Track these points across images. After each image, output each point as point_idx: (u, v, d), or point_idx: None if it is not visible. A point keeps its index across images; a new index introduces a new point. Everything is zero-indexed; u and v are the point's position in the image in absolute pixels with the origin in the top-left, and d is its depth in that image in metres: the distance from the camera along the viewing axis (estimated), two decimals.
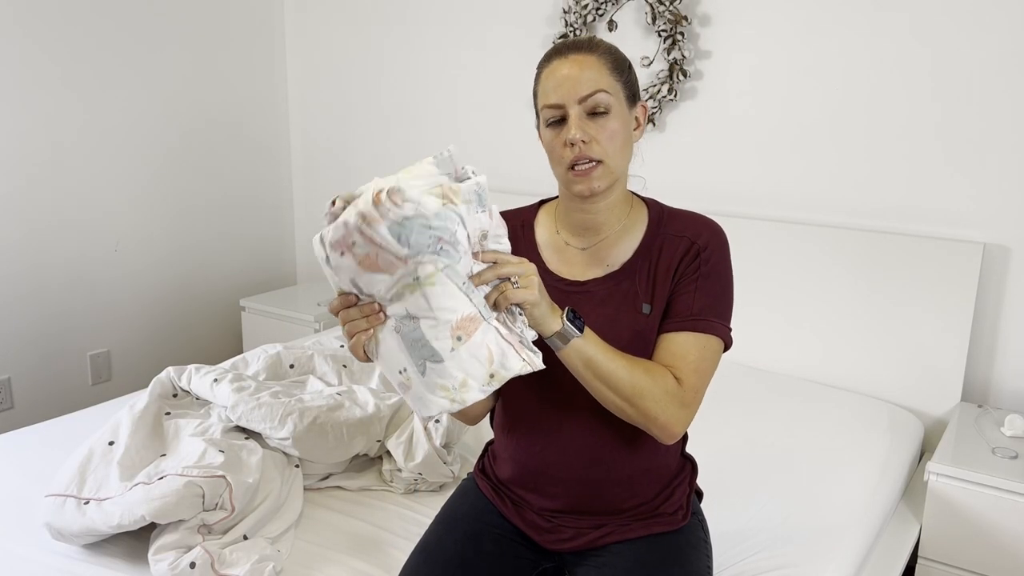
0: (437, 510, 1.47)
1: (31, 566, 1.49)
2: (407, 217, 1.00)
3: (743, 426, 2.13)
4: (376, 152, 3.38)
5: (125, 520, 1.45)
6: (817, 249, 2.43)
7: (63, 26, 2.74)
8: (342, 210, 1.04)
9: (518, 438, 1.35)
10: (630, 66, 1.28)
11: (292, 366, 2.15)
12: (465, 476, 1.54)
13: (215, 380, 1.90)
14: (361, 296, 1.08)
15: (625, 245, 1.30)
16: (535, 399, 1.30)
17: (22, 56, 2.65)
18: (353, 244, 1.02)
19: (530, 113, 3.24)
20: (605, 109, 1.21)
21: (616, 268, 1.29)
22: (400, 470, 1.77)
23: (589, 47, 1.24)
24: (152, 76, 3.03)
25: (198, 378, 1.94)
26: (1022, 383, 2.27)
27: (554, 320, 1.13)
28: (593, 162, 1.22)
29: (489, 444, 1.49)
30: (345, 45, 3.36)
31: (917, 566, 1.97)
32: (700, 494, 1.48)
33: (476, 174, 1.08)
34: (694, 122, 2.65)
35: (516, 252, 1.33)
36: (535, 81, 1.28)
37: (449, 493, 1.64)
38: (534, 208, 1.40)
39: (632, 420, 1.20)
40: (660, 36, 2.60)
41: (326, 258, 1.06)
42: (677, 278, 1.26)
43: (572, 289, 1.30)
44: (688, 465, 1.41)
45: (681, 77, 2.59)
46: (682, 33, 2.56)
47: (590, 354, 1.15)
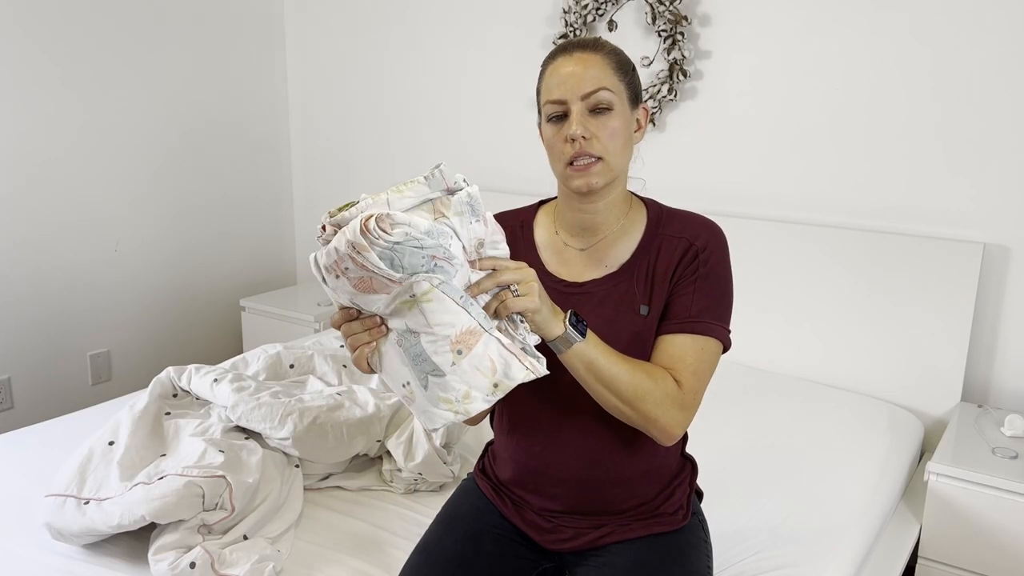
0: (437, 510, 1.47)
1: (31, 566, 1.49)
2: (397, 243, 0.99)
3: (743, 426, 2.13)
4: (376, 152, 3.38)
5: (125, 520, 1.46)
6: (817, 249, 2.43)
7: (63, 26, 2.74)
8: (332, 235, 1.04)
9: (518, 439, 1.35)
10: (634, 68, 1.28)
11: (292, 366, 2.15)
12: (465, 476, 1.54)
13: (215, 380, 1.90)
14: (362, 312, 1.08)
15: (624, 246, 1.30)
16: (535, 400, 1.30)
17: (22, 56, 2.65)
18: (346, 269, 1.02)
19: (530, 113, 3.23)
20: (608, 107, 1.22)
21: (615, 269, 1.29)
22: (400, 470, 1.77)
23: (594, 46, 1.24)
24: (152, 76, 3.03)
25: (198, 378, 1.94)
26: (1022, 383, 2.27)
27: (556, 324, 1.13)
28: (593, 159, 1.22)
29: (489, 444, 1.49)
30: (345, 45, 3.36)
31: (917, 566, 1.97)
32: (700, 494, 1.47)
33: (468, 183, 1.08)
34: (694, 122, 2.65)
35: (515, 253, 1.33)
36: (539, 78, 1.28)
37: (449, 493, 1.64)
38: (533, 208, 1.40)
39: (632, 422, 1.20)
40: (660, 36, 2.60)
41: (323, 279, 1.06)
42: (675, 279, 1.26)
43: (571, 290, 1.30)
44: (688, 465, 1.41)
45: (681, 77, 2.59)
46: (682, 33, 2.56)
47: (592, 357, 1.15)
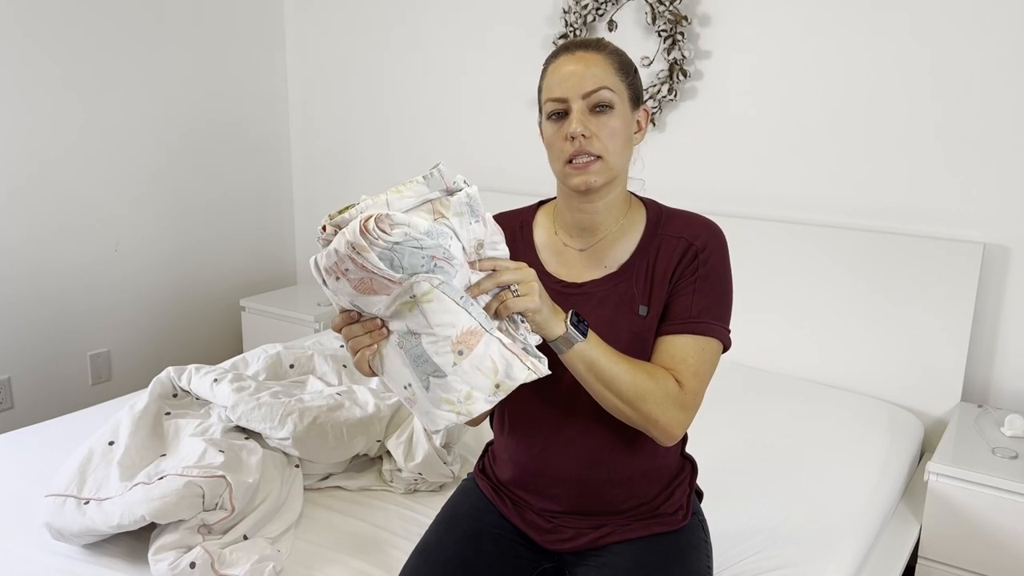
0: (437, 510, 1.47)
1: (31, 566, 1.49)
2: (397, 243, 0.99)
3: (743, 426, 2.13)
4: (376, 152, 3.38)
5: (125, 520, 1.45)
6: (817, 249, 2.43)
7: (63, 26, 2.74)
8: (333, 235, 1.03)
9: (518, 439, 1.35)
10: (635, 70, 1.29)
11: (292, 366, 2.15)
12: (465, 476, 1.54)
13: (215, 380, 1.90)
14: (362, 314, 1.08)
15: (623, 246, 1.30)
16: (535, 401, 1.30)
17: (22, 56, 2.65)
18: (346, 271, 1.02)
19: (530, 113, 3.23)
20: (608, 106, 1.22)
21: (614, 269, 1.29)
22: (400, 470, 1.77)
23: (597, 46, 1.25)
24: (152, 76, 3.03)
25: (198, 378, 1.94)
26: (1022, 383, 2.27)
27: (557, 324, 1.13)
28: (592, 157, 1.22)
29: (489, 445, 1.49)
30: (345, 45, 3.36)
31: (917, 566, 1.97)
32: (700, 494, 1.47)
33: (468, 184, 1.08)
34: (694, 122, 2.65)
35: (514, 254, 1.33)
36: (541, 76, 1.28)
37: (449, 493, 1.64)
38: (532, 209, 1.40)
39: (632, 422, 1.20)
40: (660, 36, 2.60)
41: (323, 281, 1.06)
42: (675, 280, 1.26)
43: (570, 291, 1.29)
44: (688, 465, 1.41)
45: (681, 77, 2.59)
46: (682, 33, 2.56)
47: (593, 357, 1.15)
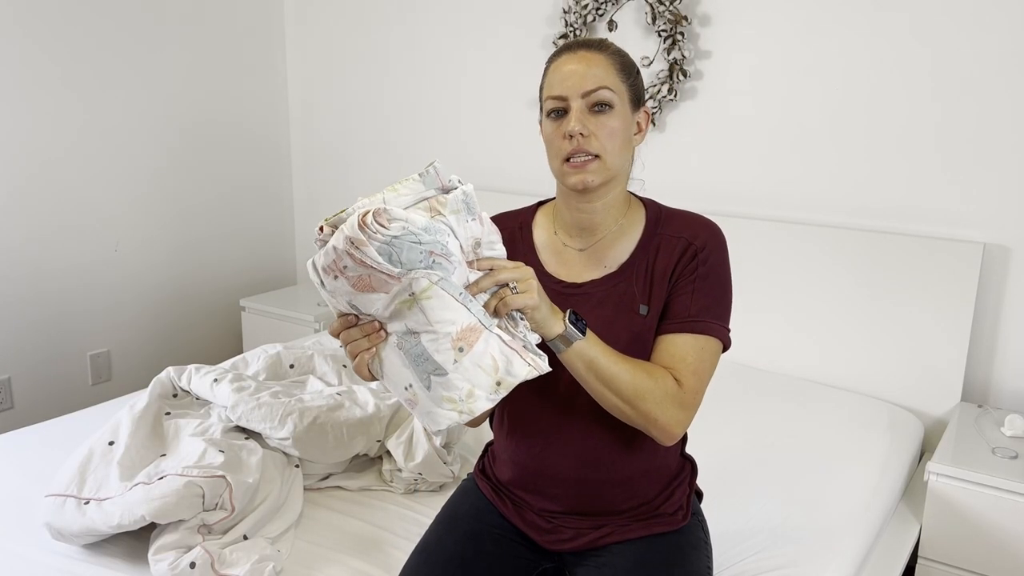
0: (437, 510, 1.47)
1: (31, 566, 1.49)
2: (395, 236, 1.00)
3: (743, 426, 2.13)
4: (376, 152, 3.38)
5: (125, 520, 1.45)
6: (817, 249, 2.43)
7: (63, 27, 2.74)
8: (330, 235, 1.04)
9: (518, 439, 1.35)
10: (637, 71, 1.29)
11: (292, 366, 2.15)
12: (465, 476, 1.54)
13: (215, 380, 1.90)
14: (360, 316, 1.08)
15: (622, 246, 1.30)
16: (535, 401, 1.30)
17: (22, 56, 2.65)
18: (344, 268, 1.02)
19: (530, 113, 3.23)
20: (608, 105, 1.22)
21: (614, 269, 1.29)
22: (400, 470, 1.77)
23: (599, 46, 1.25)
24: (152, 76, 3.03)
25: (198, 378, 1.94)
26: (1022, 383, 2.27)
27: (556, 323, 1.13)
28: (590, 156, 1.22)
29: (489, 445, 1.49)
30: (345, 45, 3.36)
31: (917, 566, 1.97)
32: (700, 494, 1.47)
33: (463, 183, 1.08)
34: (694, 122, 2.65)
35: (514, 254, 1.33)
36: (543, 75, 1.29)
37: (449, 493, 1.64)
38: (532, 209, 1.40)
39: (632, 422, 1.20)
40: (660, 36, 2.60)
41: (321, 282, 1.06)
42: (674, 279, 1.26)
43: (570, 291, 1.30)
44: (688, 465, 1.41)
45: (681, 77, 2.59)
46: (682, 33, 2.56)
47: (592, 356, 1.15)
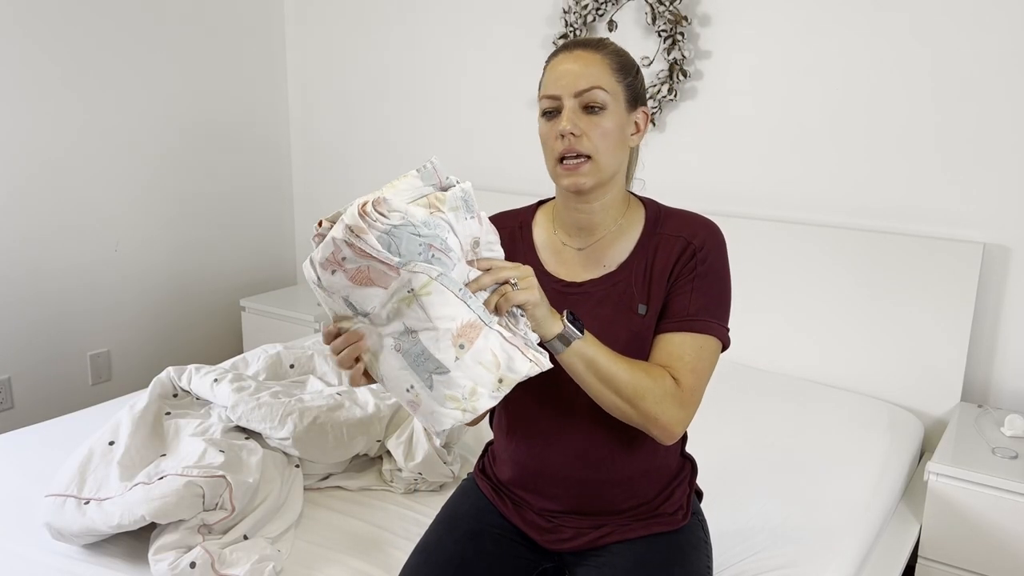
0: (437, 510, 1.47)
1: (31, 566, 1.49)
2: (395, 225, 0.99)
3: (743, 426, 2.13)
4: (376, 151, 3.38)
5: (125, 520, 1.45)
6: (817, 249, 2.43)
7: (63, 27, 2.74)
8: (328, 230, 1.03)
9: (518, 439, 1.35)
10: (637, 71, 1.28)
11: (292, 366, 2.15)
12: (465, 476, 1.54)
13: (215, 380, 1.90)
14: (356, 317, 1.07)
15: (621, 245, 1.30)
16: (535, 400, 1.30)
17: (22, 57, 2.65)
18: (343, 260, 1.01)
19: (531, 113, 3.23)
20: (600, 106, 1.22)
21: (613, 269, 1.29)
22: (400, 470, 1.77)
23: (596, 46, 1.25)
24: (152, 76, 3.03)
25: (198, 378, 1.94)
26: (1022, 383, 2.27)
27: (555, 322, 1.13)
28: (582, 157, 1.22)
29: (489, 444, 1.49)
30: (345, 45, 3.36)
31: (917, 566, 1.97)
32: (700, 494, 1.47)
33: (460, 182, 1.08)
34: (694, 122, 2.65)
35: (514, 253, 1.34)
36: (542, 74, 1.29)
37: (449, 493, 1.64)
38: (532, 209, 1.40)
39: (632, 421, 1.20)
40: (660, 36, 2.60)
41: (317, 280, 1.05)
42: (673, 278, 1.26)
43: (570, 290, 1.30)
44: (688, 465, 1.41)
45: (681, 77, 2.59)
46: (682, 33, 2.56)
47: (591, 355, 1.15)
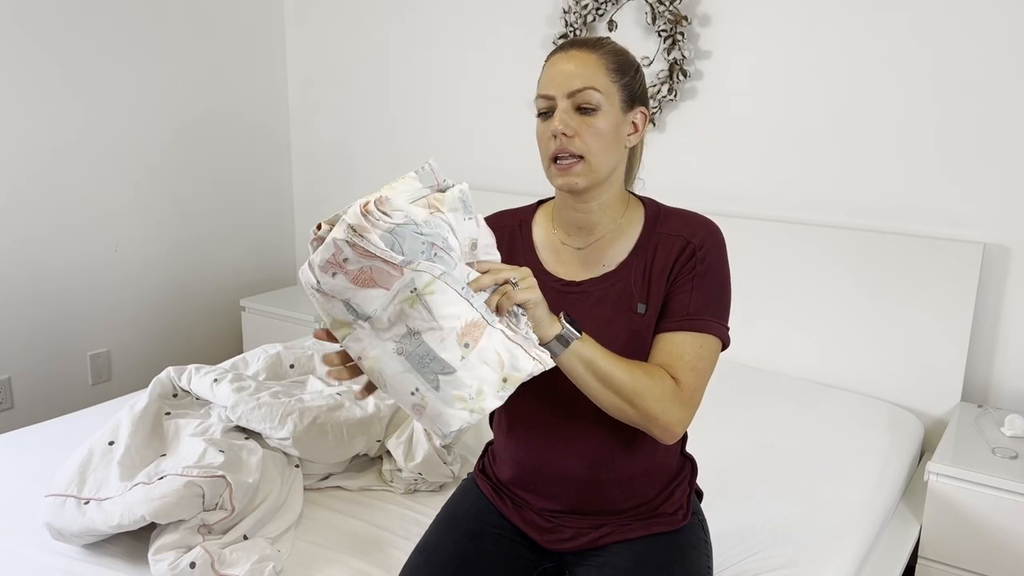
0: (437, 510, 1.47)
1: (31, 566, 1.49)
2: (398, 224, 0.99)
3: (743, 426, 2.13)
4: (376, 151, 3.38)
5: (125, 520, 1.45)
6: (817, 249, 2.43)
7: (63, 26, 2.74)
8: (328, 232, 1.03)
9: (518, 439, 1.35)
10: (636, 70, 1.27)
11: (292, 366, 2.15)
12: (465, 476, 1.54)
13: (215, 380, 1.90)
14: (355, 322, 1.06)
15: (621, 245, 1.30)
16: (535, 400, 1.30)
17: (22, 57, 2.65)
18: (345, 261, 1.01)
19: (531, 113, 3.22)
20: (594, 107, 1.22)
21: (612, 268, 1.29)
22: (400, 470, 1.77)
23: (593, 45, 1.25)
24: (151, 76, 3.03)
25: (198, 378, 1.94)
26: (1022, 383, 2.27)
27: (553, 323, 1.13)
28: (574, 158, 1.22)
29: (489, 444, 1.49)
30: (345, 45, 3.36)
31: (917, 566, 1.97)
32: (700, 494, 1.47)
33: (457, 184, 1.09)
34: (694, 122, 2.65)
35: (513, 253, 1.34)
36: (540, 73, 1.29)
37: (449, 493, 1.64)
38: (532, 208, 1.40)
39: (633, 422, 1.20)
40: (660, 36, 2.60)
41: (316, 283, 1.05)
42: (672, 278, 1.26)
43: (569, 289, 1.30)
44: (688, 465, 1.41)
45: (681, 77, 2.59)
46: (682, 33, 2.56)
47: (590, 356, 1.15)
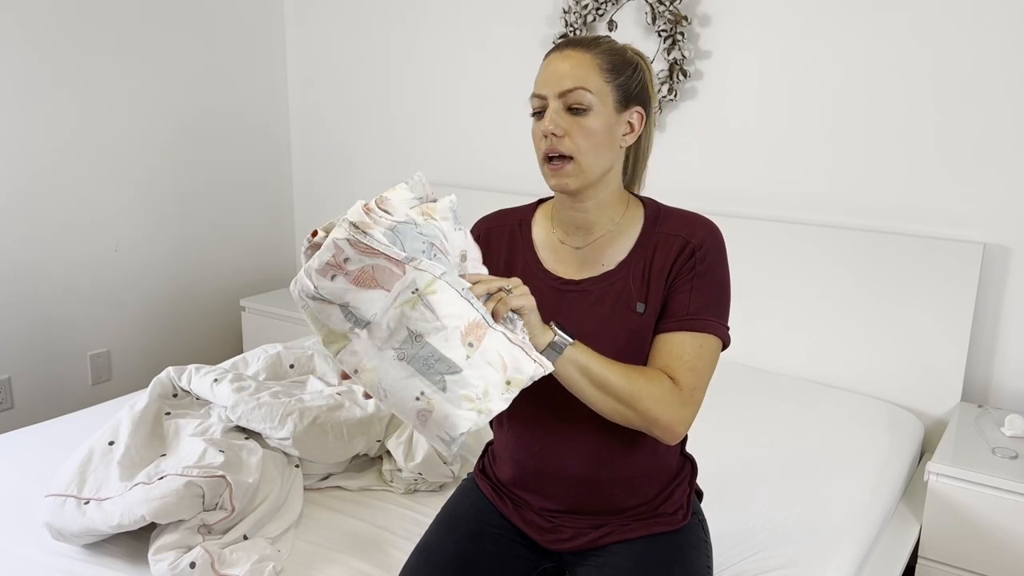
0: (437, 510, 1.47)
1: (31, 566, 1.49)
2: (400, 222, 1.01)
3: (743, 426, 2.13)
4: (376, 151, 3.38)
5: (125, 520, 1.45)
6: (817, 249, 2.43)
7: (62, 28, 2.74)
8: (323, 239, 1.03)
9: (518, 438, 1.35)
10: (634, 69, 1.26)
11: (292, 366, 2.15)
12: (465, 476, 1.54)
13: (215, 380, 1.90)
14: (352, 331, 1.06)
15: (620, 244, 1.30)
16: (535, 400, 1.29)
17: (23, 58, 2.65)
18: (346, 261, 1.01)
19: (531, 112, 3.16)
20: (585, 107, 1.21)
21: (611, 267, 1.29)
22: (400, 470, 1.77)
23: (588, 45, 1.24)
24: (151, 76, 3.03)
25: (198, 378, 1.94)
26: (1022, 383, 2.27)
27: (546, 331, 1.14)
28: (564, 159, 1.22)
29: (489, 444, 1.49)
30: (345, 45, 3.36)
31: (917, 566, 1.97)
32: (700, 494, 1.47)
33: (439, 199, 1.11)
34: (694, 122, 2.65)
35: (513, 252, 1.35)
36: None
37: (449, 493, 1.64)
38: (532, 207, 1.40)
39: (634, 425, 1.20)
40: (660, 36, 2.60)
41: (314, 288, 1.04)
42: (672, 278, 1.26)
43: (568, 288, 1.30)
44: (688, 465, 1.41)
45: (681, 77, 2.59)
46: (682, 33, 2.56)
47: (584, 361, 1.16)
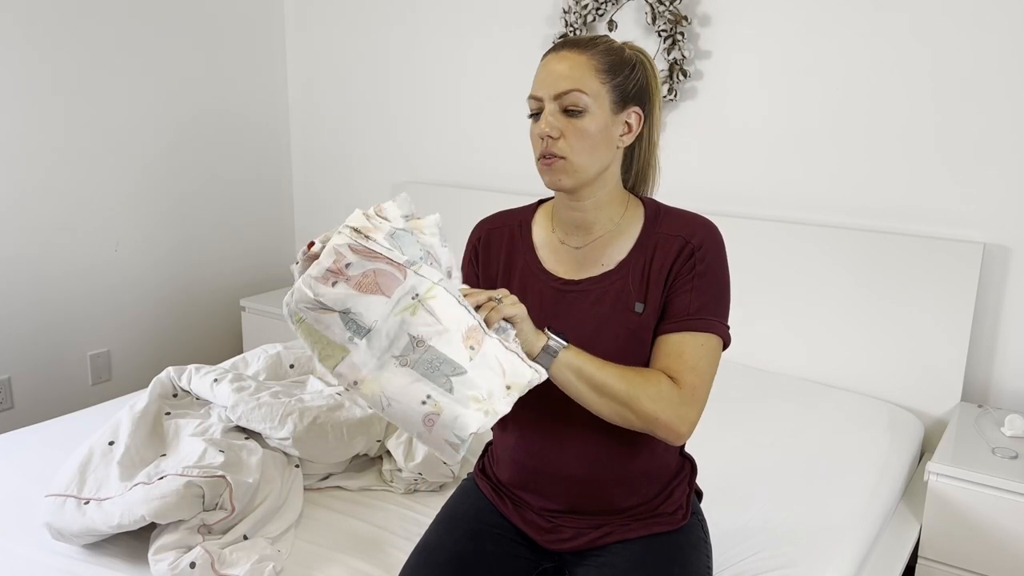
0: (437, 510, 1.47)
1: (31, 566, 1.49)
2: (399, 228, 1.03)
3: (743, 426, 2.13)
4: (376, 151, 3.38)
5: (125, 520, 1.45)
6: (817, 249, 2.43)
7: (62, 28, 2.74)
8: (320, 250, 1.04)
9: (517, 438, 1.35)
10: (632, 69, 1.25)
11: (292, 366, 2.16)
12: (465, 476, 1.54)
13: (215, 380, 1.90)
14: (351, 341, 1.05)
15: (620, 244, 1.30)
16: (534, 400, 1.29)
17: (22, 58, 2.65)
18: (347, 266, 1.02)
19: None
20: (580, 109, 1.21)
21: (611, 267, 1.29)
22: (400, 470, 1.77)
23: (585, 45, 1.24)
24: (151, 76, 3.03)
25: (198, 378, 1.94)
26: (1022, 383, 2.27)
27: (539, 336, 1.15)
28: (557, 158, 1.23)
29: (489, 444, 1.49)
30: (345, 45, 3.36)
31: (917, 566, 1.97)
32: (700, 494, 1.47)
33: (426, 216, 1.13)
34: (694, 122, 2.65)
35: (512, 252, 1.36)
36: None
37: (449, 493, 1.64)
38: (532, 208, 1.40)
39: (635, 426, 1.20)
40: (660, 36, 2.60)
41: (313, 297, 1.03)
42: (672, 278, 1.26)
43: (567, 288, 1.30)
44: (687, 465, 1.41)
45: (681, 77, 2.59)
46: (682, 33, 2.56)
47: (579, 364, 1.16)
